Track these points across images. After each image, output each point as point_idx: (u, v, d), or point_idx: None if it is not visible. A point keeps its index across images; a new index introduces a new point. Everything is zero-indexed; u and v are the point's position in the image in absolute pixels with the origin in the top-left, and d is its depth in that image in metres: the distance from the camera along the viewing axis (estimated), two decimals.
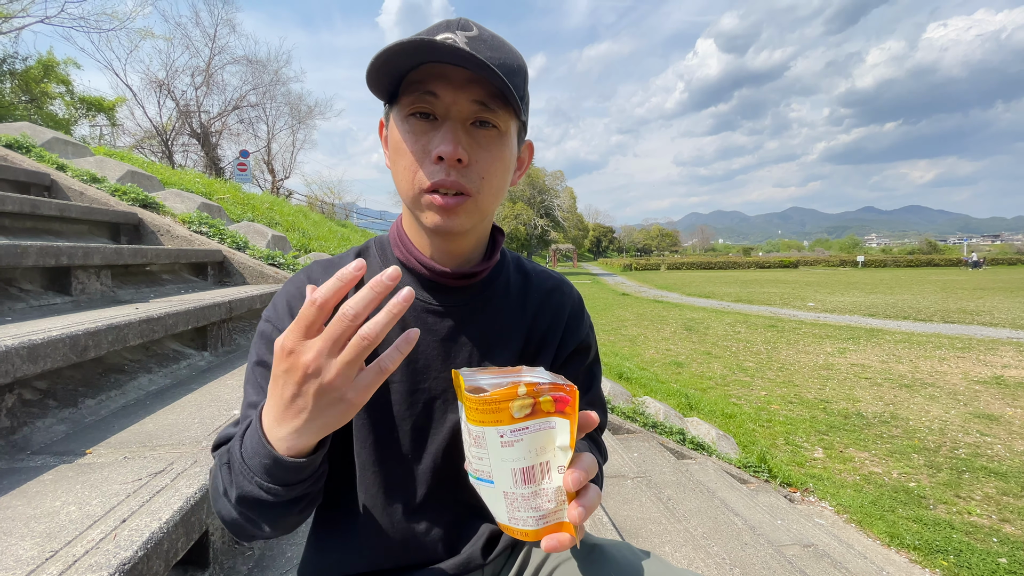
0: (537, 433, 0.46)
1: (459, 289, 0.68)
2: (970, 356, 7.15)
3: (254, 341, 0.65)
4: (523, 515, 0.47)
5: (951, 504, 3.19)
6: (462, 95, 0.56)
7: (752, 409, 4.90)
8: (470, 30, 0.56)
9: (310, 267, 0.69)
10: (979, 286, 21.22)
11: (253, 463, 0.49)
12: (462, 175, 0.58)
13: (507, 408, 0.45)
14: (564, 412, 0.46)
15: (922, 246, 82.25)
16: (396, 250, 0.69)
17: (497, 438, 0.45)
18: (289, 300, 0.65)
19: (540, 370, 0.52)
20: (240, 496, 0.51)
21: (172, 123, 18.43)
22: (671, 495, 2.16)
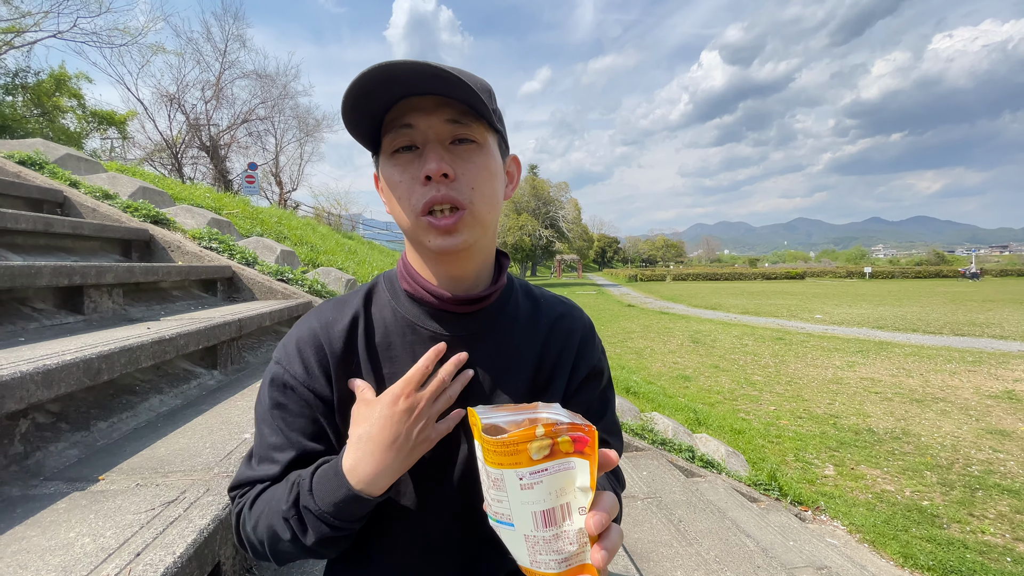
0: (557, 475, 0.45)
1: (468, 316, 0.68)
2: (981, 370, 7.06)
3: (266, 384, 0.66)
4: (545, 558, 0.46)
5: (965, 523, 3.13)
6: (435, 118, 0.59)
7: (761, 424, 4.86)
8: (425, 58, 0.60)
9: (321, 308, 0.70)
10: (988, 298, 21.03)
11: (329, 507, 0.56)
12: (452, 188, 0.59)
13: (525, 450, 0.44)
14: (583, 453, 0.46)
15: (930, 257, 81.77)
16: (403, 283, 0.69)
17: (516, 480, 0.45)
18: (300, 345, 0.66)
19: (556, 407, 0.52)
20: (319, 539, 0.57)
21: (182, 136, 18.68)
22: (681, 516, 2.14)
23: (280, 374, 0.65)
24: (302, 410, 0.64)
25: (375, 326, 0.68)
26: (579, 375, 0.73)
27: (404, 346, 0.67)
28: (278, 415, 0.64)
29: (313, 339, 0.65)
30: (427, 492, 0.65)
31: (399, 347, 0.67)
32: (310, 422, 0.64)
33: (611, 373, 0.80)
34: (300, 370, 0.64)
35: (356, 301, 0.69)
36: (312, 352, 0.65)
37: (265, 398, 0.65)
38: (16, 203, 2.99)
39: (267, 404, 0.65)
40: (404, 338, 0.67)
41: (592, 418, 0.74)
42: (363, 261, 6.87)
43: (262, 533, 0.60)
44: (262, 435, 0.65)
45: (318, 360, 0.64)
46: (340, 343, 0.65)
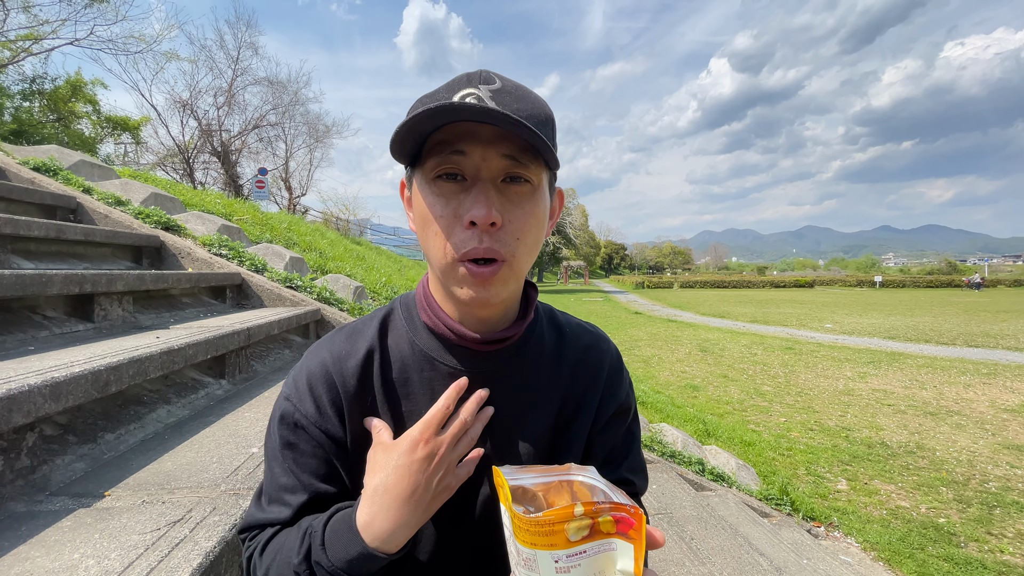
0: (596, 556, 0.41)
1: (491, 353, 0.65)
2: (996, 382, 6.93)
3: (275, 421, 0.63)
4: None
5: (983, 542, 3.06)
6: (492, 151, 0.54)
7: (771, 436, 4.79)
8: (492, 83, 0.54)
9: (333, 339, 0.66)
10: (1003, 309, 20.73)
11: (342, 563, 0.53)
12: (496, 239, 0.55)
13: (562, 531, 0.40)
14: (627, 535, 0.42)
15: (941, 266, 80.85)
16: (423, 314, 0.66)
17: (551, 563, 0.41)
18: (311, 381, 0.62)
19: (592, 471, 0.48)
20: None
21: (194, 141, 18.90)
22: (693, 533, 2.10)
23: (290, 412, 0.62)
24: (314, 451, 0.61)
25: (391, 360, 0.64)
26: (606, 413, 0.69)
27: (422, 382, 0.64)
28: (289, 455, 0.61)
29: (325, 375, 0.62)
30: (444, 535, 0.62)
31: (416, 383, 0.64)
32: (322, 463, 0.61)
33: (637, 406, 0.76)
34: (311, 409, 0.61)
35: (371, 332, 0.66)
36: (324, 389, 0.61)
37: (275, 436, 0.62)
38: (30, 209, 3.02)
39: (277, 443, 0.62)
40: (422, 373, 0.64)
41: (616, 456, 0.71)
42: (371, 268, 6.89)
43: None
44: (273, 474, 0.62)
45: (330, 398, 0.61)
46: (354, 380, 0.62)
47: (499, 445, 0.64)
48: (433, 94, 0.56)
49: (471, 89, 0.53)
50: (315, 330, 3.36)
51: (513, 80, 0.57)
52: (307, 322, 3.20)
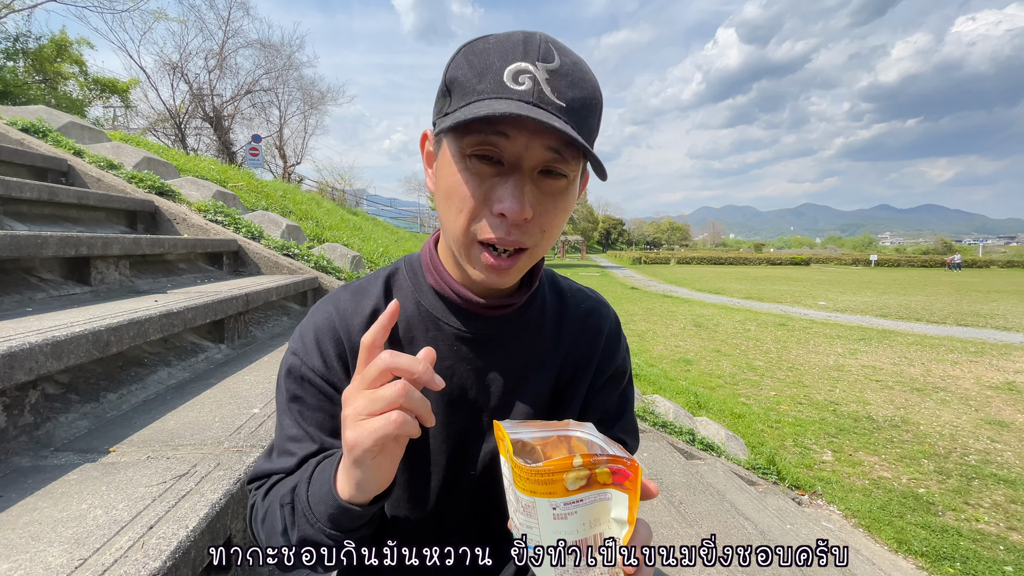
0: (592, 505, 0.43)
1: (494, 318, 0.65)
2: (983, 360, 7.06)
3: (283, 375, 0.63)
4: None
5: (959, 511, 3.17)
6: (536, 140, 0.50)
7: (761, 409, 4.88)
8: (551, 60, 0.50)
9: (338, 295, 0.67)
10: (994, 289, 20.93)
11: (319, 509, 0.52)
12: (523, 231, 0.54)
13: (561, 480, 0.42)
14: (623, 486, 0.44)
15: (937, 246, 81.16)
16: (429, 276, 0.66)
17: (549, 510, 0.43)
18: (317, 335, 0.63)
19: (590, 427, 0.50)
20: (301, 539, 0.53)
21: (185, 106, 18.48)
22: (682, 498, 2.16)
23: (297, 366, 0.62)
24: (320, 404, 0.61)
25: (397, 319, 0.65)
26: (603, 375, 0.71)
27: (427, 342, 0.64)
28: (295, 408, 0.62)
29: (331, 330, 0.63)
30: (447, 487, 0.64)
31: (422, 343, 0.64)
32: (328, 416, 0.62)
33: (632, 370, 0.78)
34: (318, 362, 0.62)
35: (376, 290, 0.66)
36: (330, 343, 0.62)
37: (283, 389, 0.63)
38: (20, 171, 2.97)
39: (285, 396, 0.63)
40: (427, 333, 0.65)
41: (611, 416, 0.73)
42: (368, 238, 6.85)
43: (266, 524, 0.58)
44: (282, 427, 0.63)
45: (336, 352, 0.62)
46: (359, 336, 0.62)
47: (500, 405, 0.65)
48: (483, 53, 0.51)
49: (527, 65, 0.49)
50: (312, 298, 3.37)
51: (571, 54, 0.53)
52: (305, 290, 3.20)
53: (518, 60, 0.49)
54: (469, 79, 0.51)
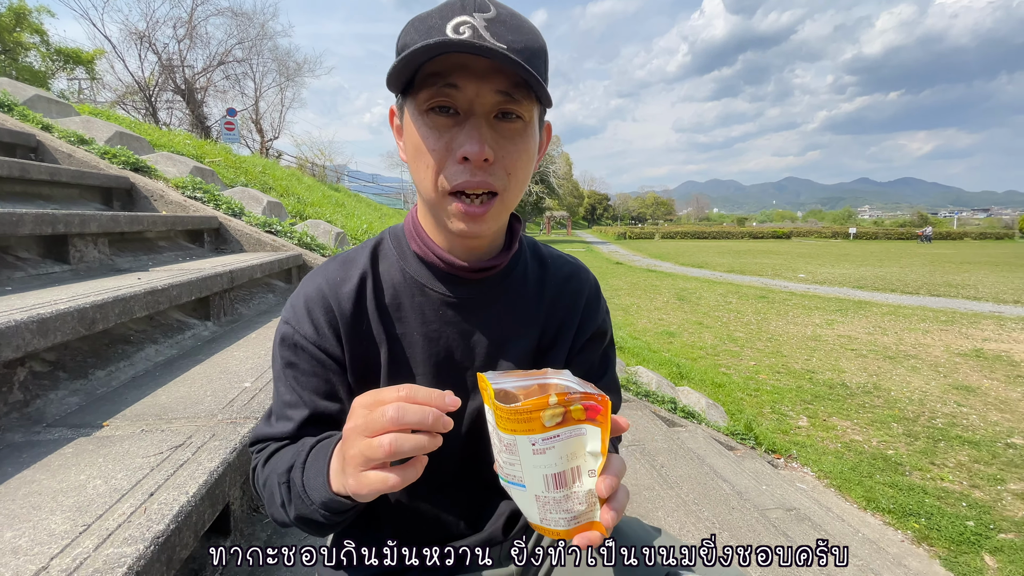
0: (568, 440, 0.46)
1: (477, 281, 0.68)
2: (953, 329, 7.31)
3: (277, 344, 0.66)
4: (555, 516, 0.48)
5: (926, 471, 3.33)
6: (485, 86, 0.54)
7: (741, 379, 5.03)
8: (487, 10, 0.53)
9: (327, 267, 0.69)
10: (966, 260, 21.50)
11: (314, 495, 0.54)
12: (489, 173, 0.56)
13: (539, 418, 0.45)
14: (595, 420, 0.47)
15: (914, 219, 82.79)
16: (413, 243, 0.68)
17: (529, 446, 0.46)
18: (308, 305, 0.65)
19: (566, 373, 0.53)
20: (298, 516, 0.57)
21: (155, 78, 17.79)
22: (663, 462, 2.25)
23: (290, 334, 0.64)
24: (314, 369, 0.64)
25: (384, 286, 0.67)
26: (583, 336, 0.75)
27: (413, 307, 0.67)
28: (290, 374, 0.64)
29: (321, 299, 0.65)
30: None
31: (408, 308, 0.67)
32: (323, 381, 0.64)
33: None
34: (310, 330, 0.64)
35: (363, 260, 0.68)
36: (321, 312, 0.64)
37: (278, 357, 0.66)
38: None
39: (280, 364, 0.65)
40: (413, 299, 0.67)
41: (593, 376, 0.77)
42: (351, 214, 6.77)
43: (266, 492, 0.62)
44: (278, 393, 0.66)
45: (328, 320, 0.64)
46: (349, 304, 0.65)
47: (485, 365, 0.68)
48: (425, 17, 0.55)
49: (465, 17, 0.52)
50: (297, 275, 3.35)
51: (507, 6, 0.56)
52: (289, 267, 3.18)
53: (456, 14, 0.53)
54: (415, 40, 0.53)
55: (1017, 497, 3.04)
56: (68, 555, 0.66)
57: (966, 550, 2.59)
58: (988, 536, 2.67)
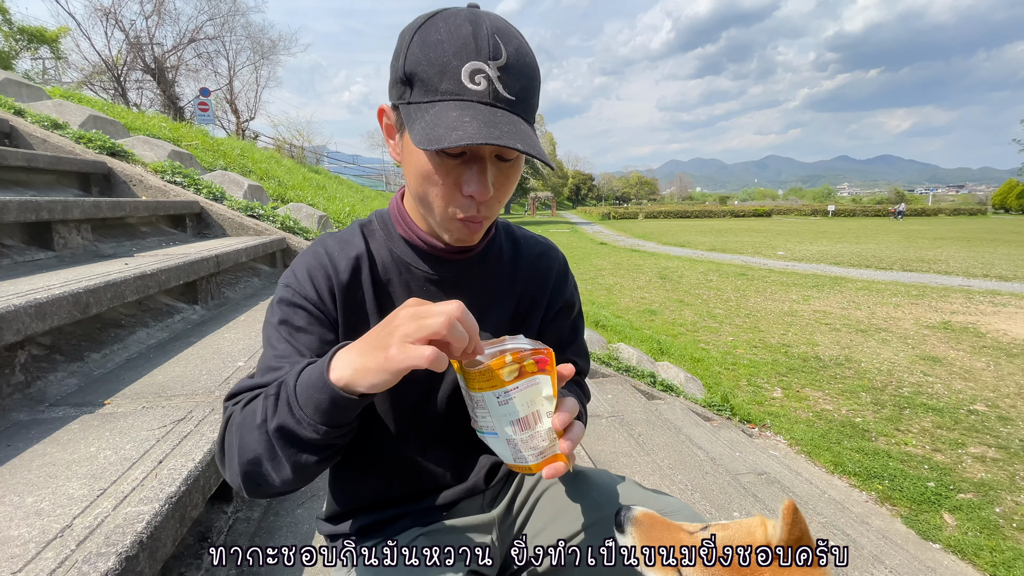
0: (526, 390, 0.56)
1: (456, 261, 0.75)
2: (923, 303, 7.58)
3: (274, 305, 0.70)
4: (524, 454, 0.58)
5: (891, 436, 3.51)
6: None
7: (719, 353, 5.19)
8: (499, 57, 0.57)
9: (323, 241, 0.74)
10: (940, 236, 22.07)
11: (305, 395, 0.54)
12: (487, 206, 0.65)
13: (499, 375, 0.54)
14: (545, 370, 0.56)
15: (891, 196, 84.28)
16: (398, 226, 0.74)
17: (495, 400, 0.56)
18: (310, 271, 0.70)
19: (520, 337, 0.61)
20: (278, 426, 0.54)
21: (123, 57, 17.19)
22: (641, 432, 2.36)
23: (290, 295, 0.69)
24: (310, 327, 0.68)
25: (376, 264, 0.74)
26: (554, 308, 0.83)
27: (401, 283, 0.74)
28: (285, 329, 0.67)
29: (322, 267, 0.70)
30: (422, 403, 0.75)
31: (396, 284, 0.74)
32: (317, 339, 0.68)
33: (582, 306, 0.90)
34: (311, 292, 0.69)
35: (356, 239, 0.74)
36: (322, 279, 0.70)
37: (273, 317, 0.69)
38: None
39: (276, 320, 0.68)
40: (400, 276, 0.74)
41: (564, 343, 0.86)
42: (333, 197, 6.73)
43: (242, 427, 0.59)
44: (271, 346, 0.67)
45: (327, 287, 0.70)
46: (347, 275, 0.71)
47: None
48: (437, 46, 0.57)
49: (480, 64, 0.57)
50: (282, 259, 3.37)
51: (513, 38, 0.60)
52: (273, 251, 3.20)
53: (472, 59, 0.57)
54: (430, 77, 0.58)
55: (976, 460, 3.23)
56: (89, 514, 0.73)
57: (926, 509, 2.76)
58: (948, 496, 2.84)
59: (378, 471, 0.76)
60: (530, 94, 0.62)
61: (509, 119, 0.58)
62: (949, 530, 2.59)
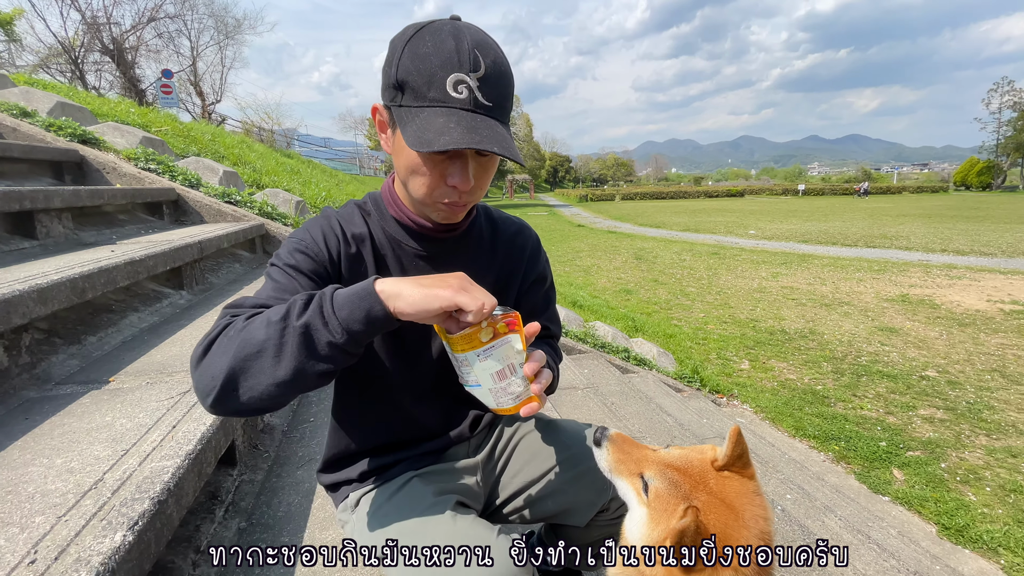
0: (501, 347, 0.68)
1: (443, 240, 0.85)
2: (884, 277, 7.94)
3: (283, 251, 0.77)
4: (504, 399, 0.70)
5: (848, 402, 3.75)
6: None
7: (691, 329, 5.41)
8: (479, 69, 0.67)
9: (330, 213, 0.84)
10: (903, 213, 22.85)
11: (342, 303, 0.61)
12: (470, 194, 0.75)
13: (477, 337, 0.66)
14: (514, 329, 0.68)
15: (858, 175, 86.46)
16: (391, 208, 0.84)
17: (476, 358, 0.68)
18: (324, 232, 0.79)
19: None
20: (304, 324, 0.59)
21: (80, 38, 16.46)
22: (615, 402, 2.52)
23: (303, 247, 0.77)
24: (315, 272, 0.76)
25: (375, 240, 0.83)
26: (528, 280, 0.95)
27: (394, 258, 0.84)
28: (291, 269, 0.74)
29: (333, 232, 0.80)
30: (416, 360, 0.86)
31: (391, 259, 0.84)
32: (322, 283, 0.75)
33: (560, 286, 1.02)
34: (321, 248, 0.77)
35: (357, 218, 0.84)
36: (333, 242, 0.79)
37: (283, 256, 0.76)
38: None
39: (280, 263, 0.75)
40: (393, 252, 0.84)
41: (538, 311, 0.98)
42: (308, 182, 6.69)
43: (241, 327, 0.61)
44: (272, 281, 0.73)
45: (337, 251, 0.79)
46: (354, 247, 0.81)
47: None
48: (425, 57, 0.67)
49: (462, 75, 0.66)
50: (261, 245, 3.40)
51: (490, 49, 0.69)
52: (252, 236, 3.23)
53: (455, 71, 0.66)
54: (419, 85, 0.67)
55: (925, 421, 3.49)
56: (118, 470, 0.82)
57: (878, 466, 2.99)
58: (898, 454, 3.07)
59: (377, 421, 0.87)
60: (505, 99, 0.72)
61: (487, 123, 0.68)
62: (898, 484, 2.82)
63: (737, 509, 0.63)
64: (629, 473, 0.69)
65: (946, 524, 2.44)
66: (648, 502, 0.65)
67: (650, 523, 0.63)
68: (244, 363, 0.59)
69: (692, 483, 0.64)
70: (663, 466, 0.67)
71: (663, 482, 0.65)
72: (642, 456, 0.70)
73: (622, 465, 0.70)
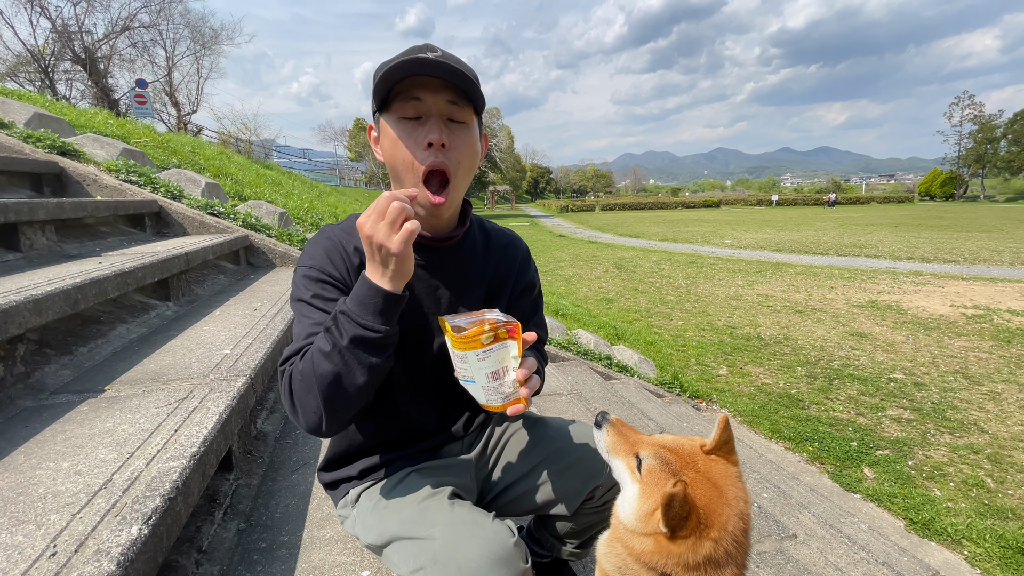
0: (499, 351, 0.75)
1: (440, 249, 0.92)
2: (854, 284, 8.23)
3: (300, 283, 0.84)
4: (494, 397, 0.77)
5: (821, 404, 3.90)
6: (439, 96, 0.79)
7: (670, 336, 5.54)
8: (436, 51, 0.78)
9: (330, 230, 0.90)
10: (871, 222, 23.63)
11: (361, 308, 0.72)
12: (446, 157, 0.81)
13: (479, 339, 0.73)
14: (513, 336, 0.76)
15: (829, 185, 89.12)
16: None
17: (475, 358, 0.74)
18: (328, 253, 0.86)
19: (495, 311, 0.81)
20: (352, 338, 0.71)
21: (50, 46, 16.15)
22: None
23: (316, 274, 0.84)
24: (338, 296, 0.82)
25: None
26: (518, 288, 1.02)
27: None
28: (317, 301, 0.82)
29: (337, 250, 0.86)
30: (415, 362, 0.91)
31: None
32: None
33: (544, 295, 1.10)
34: (330, 268, 0.84)
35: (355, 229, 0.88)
36: (339, 258, 0.86)
37: (303, 290, 0.83)
38: None
39: (307, 294, 0.83)
40: None
41: (527, 316, 1.06)
42: (290, 194, 6.67)
43: (308, 368, 0.73)
44: (307, 317, 0.81)
45: (345, 266, 0.85)
46: (357, 258, 0.86)
47: (447, 311, 0.93)
48: (394, 59, 0.78)
49: (423, 54, 0.76)
50: (246, 256, 3.40)
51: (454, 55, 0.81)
52: (237, 248, 3.23)
53: (417, 52, 0.77)
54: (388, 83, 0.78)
55: (894, 421, 3.64)
56: (125, 471, 0.85)
57: (849, 465, 3.11)
58: (868, 453, 3.21)
59: (378, 421, 0.92)
60: (470, 80, 0.79)
61: (447, 62, 0.76)
62: (868, 482, 2.94)
63: (721, 488, 0.70)
64: (625, 453, 0.76)
65: (913, 519, 2.56)
66: (641, 478, 0.71)
67: (641, 497, 0.70)
68: (330, 392, 0.72)
69: (682, 462, 0.71)
70: (656, 447, 0.74)
71: (656, 460, 0.71)
72: (637, 439, 0.77)
73: (619, 446, 0.77)
